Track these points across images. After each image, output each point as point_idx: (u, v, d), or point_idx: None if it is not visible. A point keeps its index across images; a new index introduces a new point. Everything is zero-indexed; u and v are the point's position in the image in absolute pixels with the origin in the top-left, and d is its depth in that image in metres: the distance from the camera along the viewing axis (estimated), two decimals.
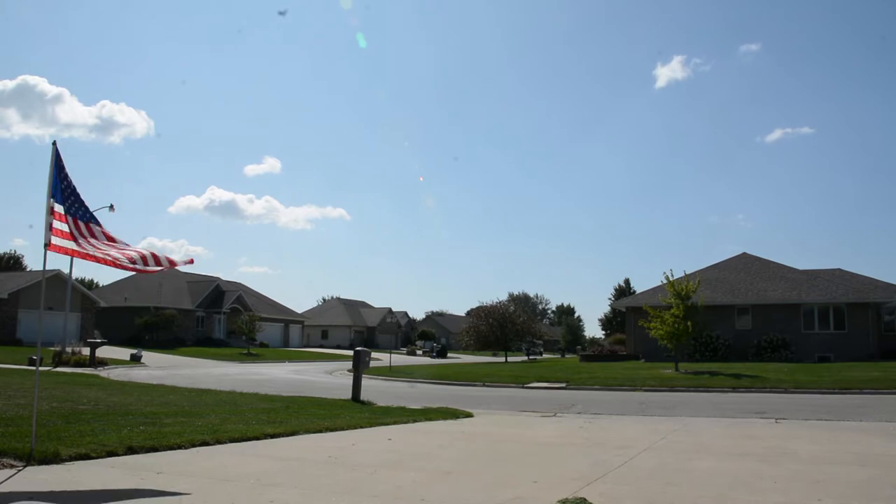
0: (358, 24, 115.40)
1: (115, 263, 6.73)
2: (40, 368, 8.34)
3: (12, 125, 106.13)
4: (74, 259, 32.71)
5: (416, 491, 5.62)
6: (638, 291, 53.97)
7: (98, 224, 6.99)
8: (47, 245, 6.68)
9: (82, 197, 6.92)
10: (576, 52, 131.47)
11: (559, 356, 66.05)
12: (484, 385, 21.55)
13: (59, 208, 6.72)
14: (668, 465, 6.94)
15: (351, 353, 17.50)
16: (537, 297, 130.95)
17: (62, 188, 6.76)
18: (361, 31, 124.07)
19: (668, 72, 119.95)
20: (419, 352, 62.42)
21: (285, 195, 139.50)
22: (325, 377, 26.54)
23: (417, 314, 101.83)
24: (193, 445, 7.54)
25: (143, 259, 6.79)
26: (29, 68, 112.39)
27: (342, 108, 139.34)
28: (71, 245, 6.73)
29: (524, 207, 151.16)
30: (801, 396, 16.70)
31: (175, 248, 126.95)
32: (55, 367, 25.81)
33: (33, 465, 6.19)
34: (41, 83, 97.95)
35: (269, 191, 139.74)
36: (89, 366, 26.73)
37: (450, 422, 10.90)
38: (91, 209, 7.09)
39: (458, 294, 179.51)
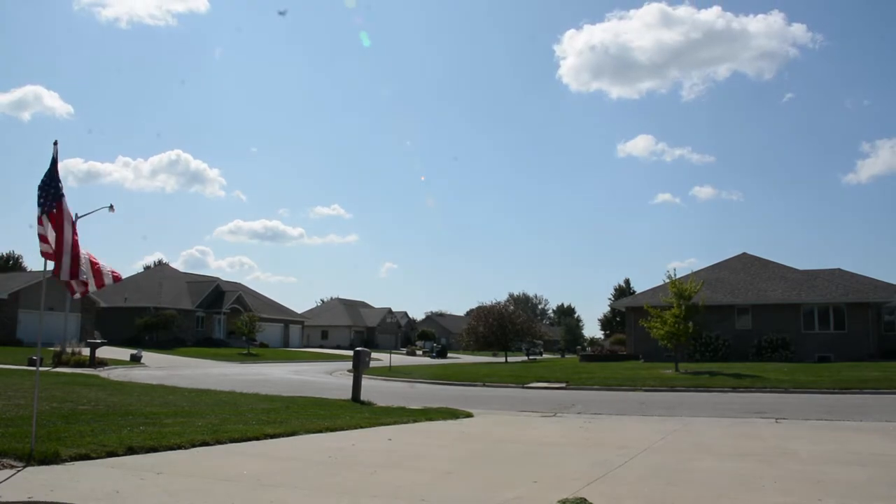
0: (361, 23, 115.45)
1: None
2: (40, 369, 8.34)
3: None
4: None
5: (416, 491, 5.62)
6: (638, 291, 53.99)
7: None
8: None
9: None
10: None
11: (559, 356, 66.03)
12: (484, 385, 21.55)
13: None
14: (668, 465, 6.94)
15: (351, 353, 17.49)
16: (537, 297, 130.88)
17: (50, 185, 6.68)
18: (365, 30, 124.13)
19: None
20: (419, 352, 62.34)
21: (294, 203, 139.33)
22: (325, 377, 26.54)
23: (417, 314, 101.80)
24: (193, 445, 7.54)
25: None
26: (30, 74, 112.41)
27: (344, 107, 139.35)
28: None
29: (524, 207, 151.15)
30: (801, 396, 16.71)
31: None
32: (55, 367, 25.80)
33: (33, 465, 6.18)
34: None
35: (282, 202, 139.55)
36: (89, 366, 26.73)
37: (450, 422, 10.90)
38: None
39: (458, 294, 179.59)
